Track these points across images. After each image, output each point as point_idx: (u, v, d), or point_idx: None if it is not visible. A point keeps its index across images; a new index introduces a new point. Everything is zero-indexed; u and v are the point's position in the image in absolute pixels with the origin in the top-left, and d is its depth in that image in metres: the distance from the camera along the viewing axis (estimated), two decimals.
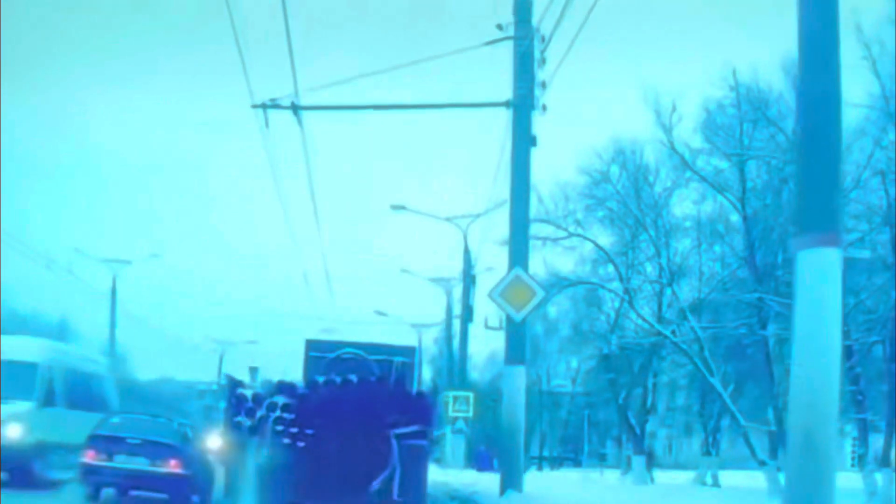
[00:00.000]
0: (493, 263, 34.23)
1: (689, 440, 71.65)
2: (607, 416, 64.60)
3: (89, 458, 17.90)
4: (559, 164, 31.75)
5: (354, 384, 13.73)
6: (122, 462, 17.89)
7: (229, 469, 14.63)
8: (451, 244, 45.92)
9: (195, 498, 18.52)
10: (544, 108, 16.47)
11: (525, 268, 16.30)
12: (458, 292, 48.03)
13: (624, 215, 33.65)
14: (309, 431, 13.32)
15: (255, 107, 16.63)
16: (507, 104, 16.64)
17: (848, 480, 36.63)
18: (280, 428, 13.36)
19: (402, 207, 43.15)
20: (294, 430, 13.35)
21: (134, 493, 18.38)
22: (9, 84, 54.49)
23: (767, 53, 27.97)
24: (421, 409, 13.77)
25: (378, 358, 15.51)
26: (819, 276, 8.05)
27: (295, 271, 36.96)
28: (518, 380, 16.37)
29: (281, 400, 13.52)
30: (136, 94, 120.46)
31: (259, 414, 13.49)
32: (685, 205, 33.82)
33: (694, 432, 67.08)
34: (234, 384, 14.17)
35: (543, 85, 16.45)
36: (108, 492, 18.30)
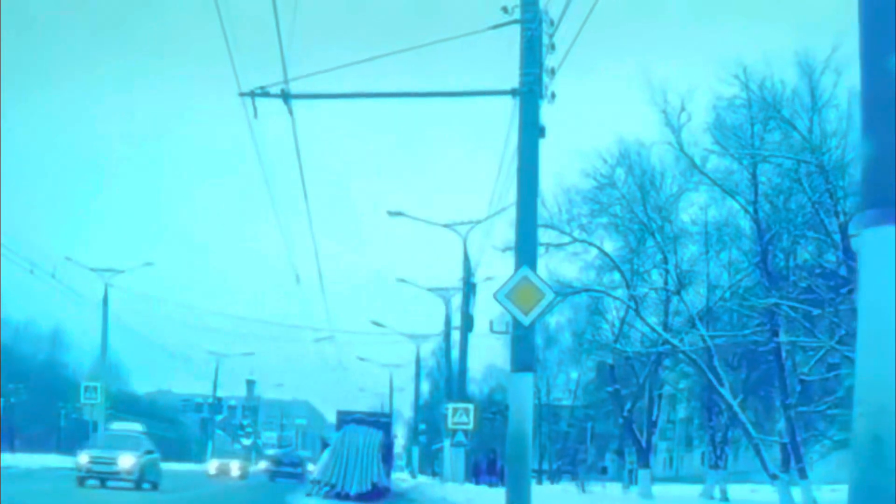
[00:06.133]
0: (493, 272, 33.39)
1: (689, 453, 70.74)
2: (607, 428, 63.67)
3: (270, 466, 56.05)
4: (563, 166, 30.74)
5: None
6: (282, 468, 52.62)
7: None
8: (450, 251, 44.89)
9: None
10: (553, 96, 15.39)
11: (533, 268, 15.18)
12: (456, 301, 47.11)
13: (629, 221, 32.62)
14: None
15: (242, 95, 15.54)
16: (513, 92, 15.54)
17: None
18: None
19: (400, 213, 42.14)
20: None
21: (279, 479, 49.41)
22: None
23: (781, 48, 27.12)
24: (390, 442, 33.69)
25: (373, 420, 32.48)
26: (883, 257, 6.89)
27: (289, 278, 35.77)
28: (526, 388, 15.22)
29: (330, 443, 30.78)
30: (122, 89, 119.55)
31: (328, 447, 30.28)
32: (693, 210, 32.90)
33: (695, 445, 66.27)
34: (325, 441, 32.72)
35: (552, 72, 15.37)
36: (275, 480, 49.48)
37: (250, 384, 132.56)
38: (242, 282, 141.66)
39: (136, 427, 34.35)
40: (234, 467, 55.44)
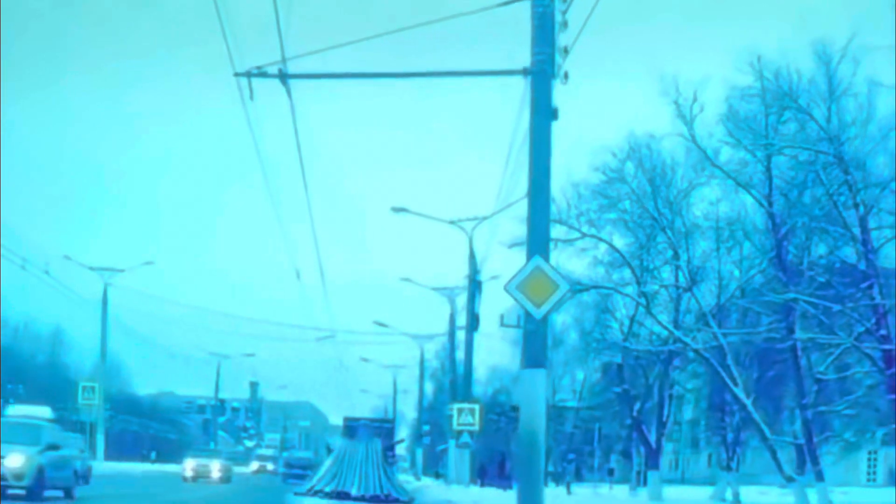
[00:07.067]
0: (499, 270, 32.59)
1: (696, 455, 70.04)
2: (612, 430, 63.00)
3: (282, 469, 59.70)
4: (572, 160, 29.84)
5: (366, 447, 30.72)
6: (294, 471, 51.55)
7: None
8: (455, 249, 44.08)
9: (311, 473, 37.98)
10: (566, 76, 14.55)
11: (546, 256, 14.33)
12: (461, 301, 46.38)
13: (639, 216, 31.79)
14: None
15: (237, 75, 14.72)
16: (524, 72, 14.69)
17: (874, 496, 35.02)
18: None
19: (404, 210, 41.27)
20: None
21: (290, 480, 46.03)
22: None
23: (796, 38, 26.34)
24: (392, 445, 34.73)
25: (377, 425, 34.65)
26: None
27: (290, 277, 34.85)
28: (537, 385, 14.30)
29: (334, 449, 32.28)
30: (119, 84, 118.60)
31: (332, 452, 31.63)
32: (703, 205, 32.10)
33: (701, 447, 65.54)
34: (329, 445, 33.98)
35: (565, 51, 14.54)
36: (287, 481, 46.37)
37: (253, 386, 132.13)
38: (243, 281, 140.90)
39: (41, 412, 24.67)
40: (215, 469, 46.71)
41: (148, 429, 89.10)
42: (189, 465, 46.33)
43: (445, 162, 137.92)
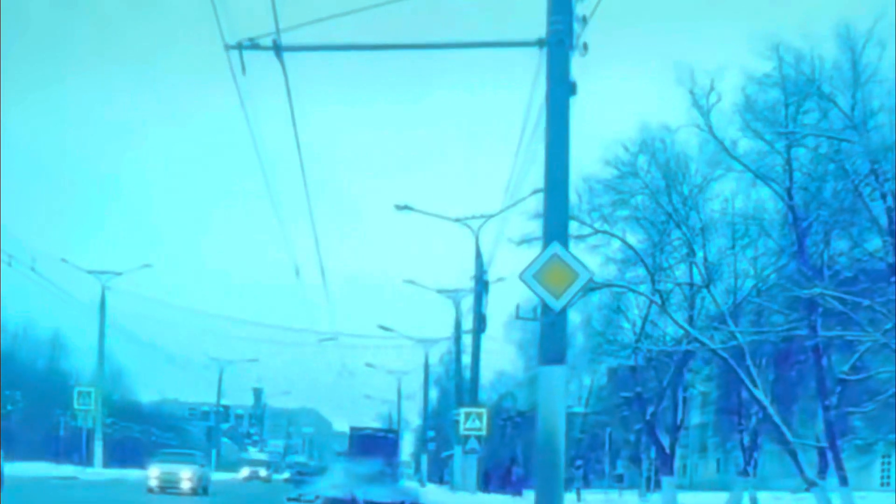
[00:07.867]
0: (506, 271, 31.55)
1: (704, 460, 69.10)
2: (619, 435, 62.21)
3: (293, 476, 58.84)
4: (582, 152, 28.61)
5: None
6: (305, 478, 42.53)
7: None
8: (460, 248, 43.05)
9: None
10: (585, 47, 13.44)
11: (564, 243, 13.20)
12: (466, 304, 45.46)
13: (653, 212, 30.66)
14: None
15: (228, 48, 13.64)
16: (539, 43, 13.60)
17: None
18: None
19: (407, 207, 40.14)
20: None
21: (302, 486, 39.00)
22: None
23: (818, 20, 25.29)
24: (396, 452, 39.45)
25: (381, 434, 39.39)
26: None
27: (290, 279, 33.62)
28: (557, 382, 13.12)
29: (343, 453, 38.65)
30: (116, 80, 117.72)
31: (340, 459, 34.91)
32: (719, 201, 30.99)
33: (710, 451, 64.57)
34: (338, 454, 42.29)
35: (584, 20, 13.45)
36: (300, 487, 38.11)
37: (257, 392, 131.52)
38: (244, 283, 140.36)
39: None
40: (184, 477, 37.49)
41: (150, 435, 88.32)
42: (153, 473, 37.88)
43: (451, 157, 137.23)
